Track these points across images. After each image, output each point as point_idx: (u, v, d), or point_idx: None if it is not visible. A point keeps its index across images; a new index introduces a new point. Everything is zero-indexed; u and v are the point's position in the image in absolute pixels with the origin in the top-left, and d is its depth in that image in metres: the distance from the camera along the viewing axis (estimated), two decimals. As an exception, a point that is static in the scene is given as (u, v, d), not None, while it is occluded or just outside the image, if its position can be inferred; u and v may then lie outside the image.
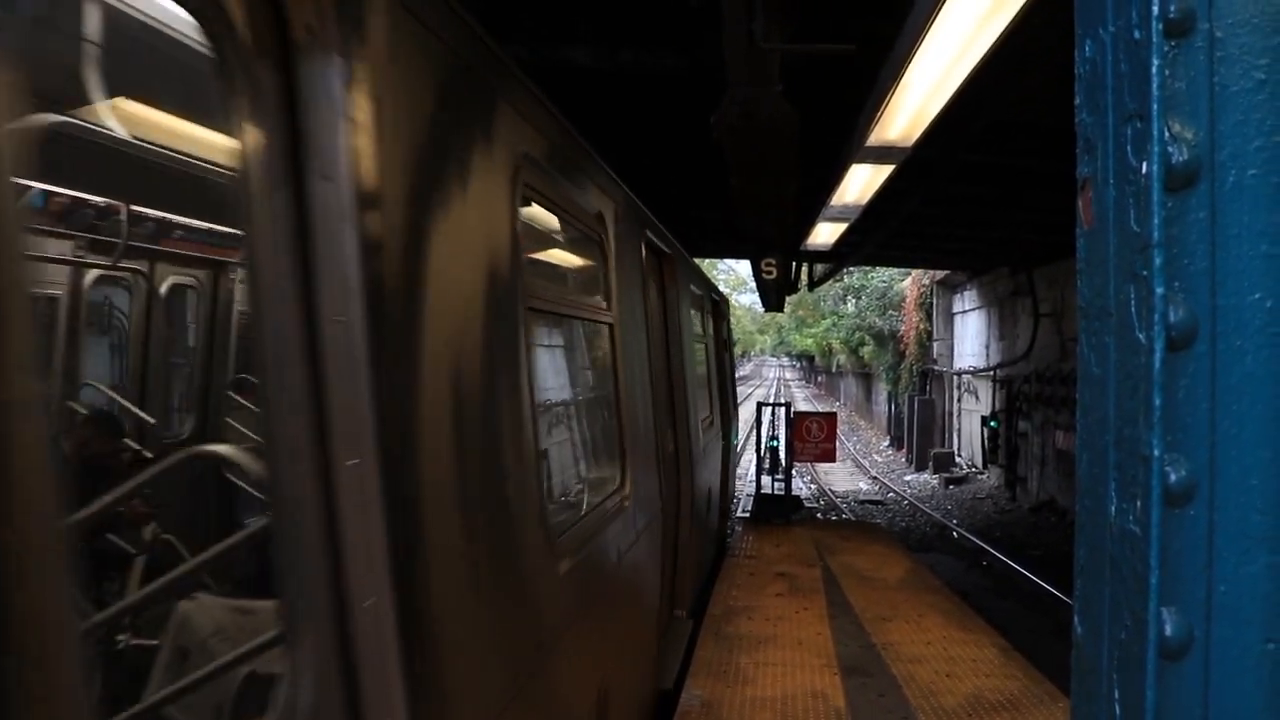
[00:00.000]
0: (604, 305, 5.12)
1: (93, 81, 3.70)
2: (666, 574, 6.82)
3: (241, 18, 1.73)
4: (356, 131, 2.00)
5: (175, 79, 3.81)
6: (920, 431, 32.62)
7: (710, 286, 13.05)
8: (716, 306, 13.46)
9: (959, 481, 27.77)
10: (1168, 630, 0.91)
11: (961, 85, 5.56)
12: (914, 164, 7.94)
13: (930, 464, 30.60)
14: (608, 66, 7.87)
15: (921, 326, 32.69)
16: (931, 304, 31.52)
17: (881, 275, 37.77)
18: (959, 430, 29.93)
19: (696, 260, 15.12)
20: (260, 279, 1.82)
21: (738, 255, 24.64)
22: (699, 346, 10.59)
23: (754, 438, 20.76)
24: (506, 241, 3.03)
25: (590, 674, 4.10)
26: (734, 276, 63.41)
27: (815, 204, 10.71)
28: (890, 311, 37.32)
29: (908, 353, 34.83)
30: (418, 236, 2.35)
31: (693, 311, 9.99)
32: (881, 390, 43.72)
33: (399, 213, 2.23)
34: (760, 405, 18.56)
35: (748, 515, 14.79)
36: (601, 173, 4.96)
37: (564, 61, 7.70)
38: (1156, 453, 0.91)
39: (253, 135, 1.79)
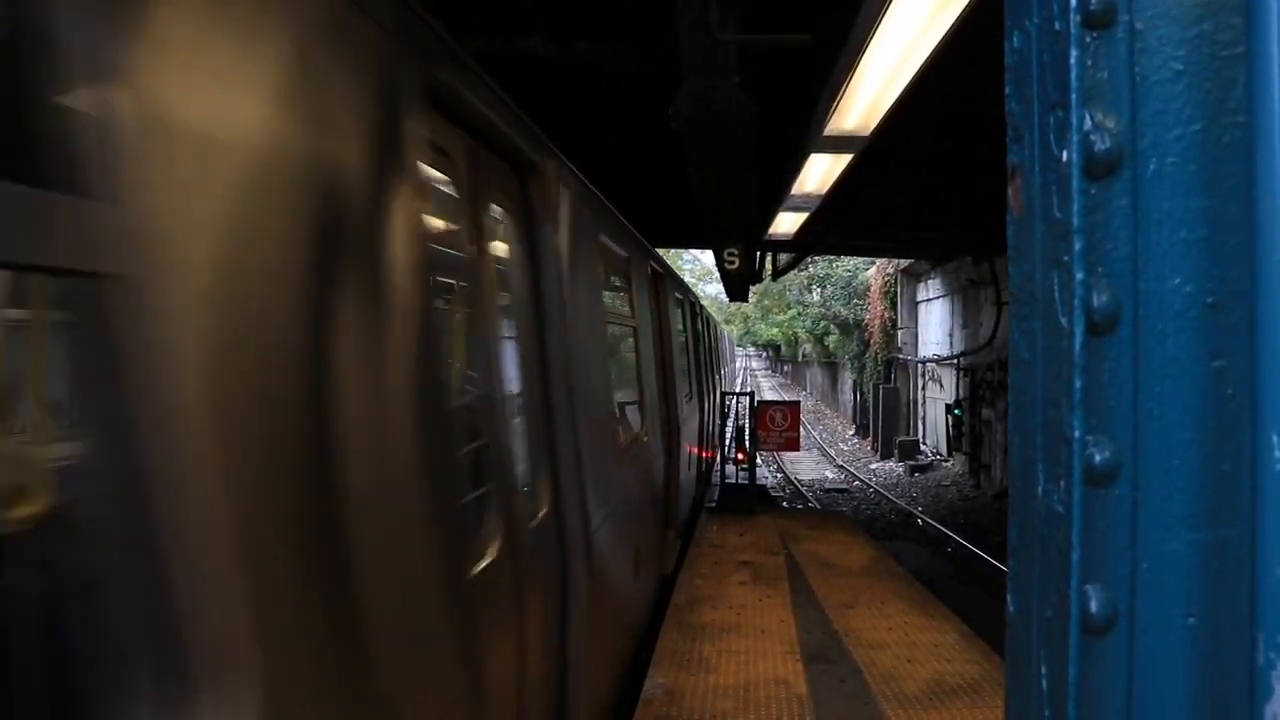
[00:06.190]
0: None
1: None
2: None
3: None
4: None
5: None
6: (885, 420, 32.84)
7: (658, 259, 10.47)
8: (659, 278, 10.19)
9: (924, 469, 27.99)
10: (1093, 607, 0.94)
11: (917, 74, 5.61)
12: (873, 153, 7.98)
13: (895, 452, 30.82)
14: (566, 58, 7.86)
15: (886, 315, 32.90)
16: (896, 293, 31.71)
17: (846, 264, 37.96)
18: (924, 418, 30.16)
19: (660, 251, 14.71)
20: None
21: (701, 245, 24.70)
22: (632, 331, 8.19)
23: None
24: None
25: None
26: (699, 267, 63.57)
27: (776, 194, 10.74)
28: (855, 301, 37.54)
29: (872, 342, 35.06)
30: None
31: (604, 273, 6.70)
32: (847, 379, 43.94)
33: None
34: (724, 395, 18.65)
35: (713, 505, 14.78)
36: None
37: (523, 53, 7.68)
38: (1077, 434, 0.93)
39: None
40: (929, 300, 28.88)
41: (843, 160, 8.22)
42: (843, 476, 30.59)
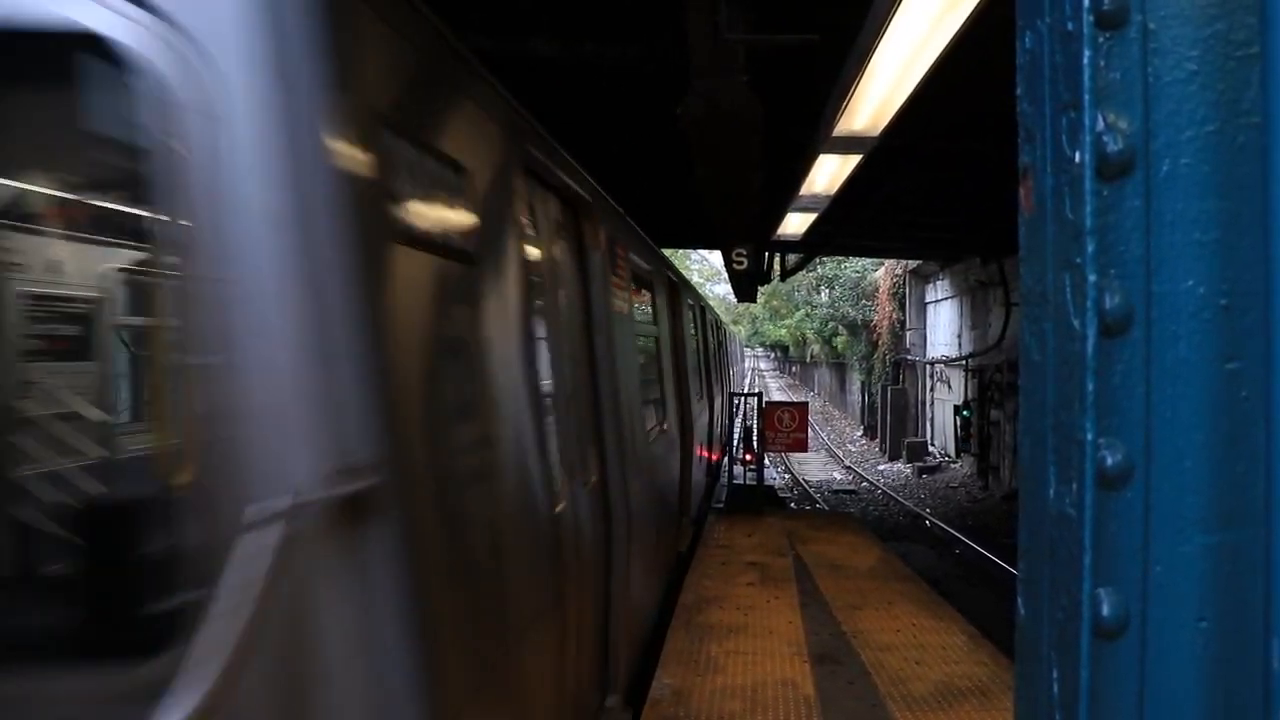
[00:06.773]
0: None
1: None
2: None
3: None
4: None
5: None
6: (893, 421, 32.77)
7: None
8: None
9: (932, 470, 27.94)
10: (1104, 610, 0.93)
11: (926, 74, 5.59)
12: (883, 154, 7.97)
13: (904, 453, 30.77)
14: (572, 59, 7.84)
15: (894, 316, 32.85)
16: (904, 294, 31.68)
17: (854, 265, 37.90)
18: (932, 419, 30.10)
19: (667, 251, 14.98)
20: None
21: (709, 246, 24.70)
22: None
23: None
24: None
25: None
26: (708, 267, 63.50)
27: (785, 194, 10.74)
28: (863, 301, 37.47)
29: (880, 342, 35.01)
30: None
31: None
32: (855, 380, 43.89)
33: None
34: (732, 396, 18.64)
35: (720, 506, 14.78)
36: None
37: (528, 53, 7.67)
38: (1089, 436, 0.92)
39: None
40: (937, 301, 28.83)
41: (851, 161, 8.21)
42: (851, 478, 30.55)
